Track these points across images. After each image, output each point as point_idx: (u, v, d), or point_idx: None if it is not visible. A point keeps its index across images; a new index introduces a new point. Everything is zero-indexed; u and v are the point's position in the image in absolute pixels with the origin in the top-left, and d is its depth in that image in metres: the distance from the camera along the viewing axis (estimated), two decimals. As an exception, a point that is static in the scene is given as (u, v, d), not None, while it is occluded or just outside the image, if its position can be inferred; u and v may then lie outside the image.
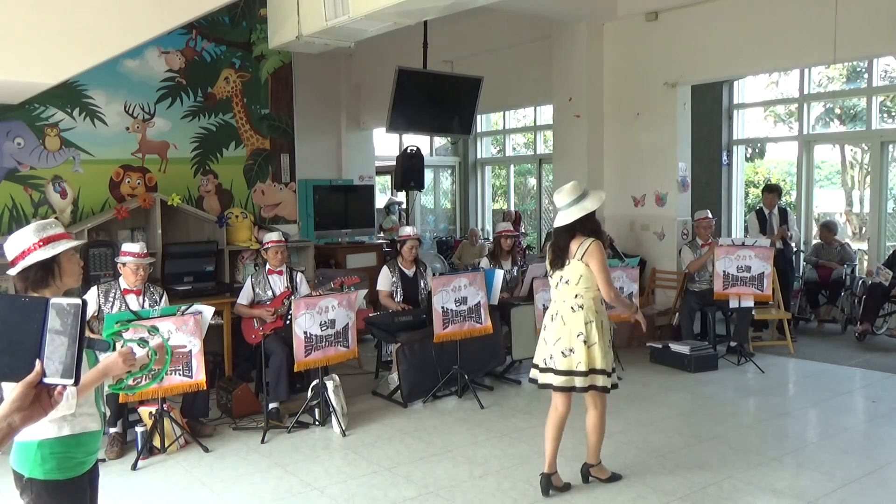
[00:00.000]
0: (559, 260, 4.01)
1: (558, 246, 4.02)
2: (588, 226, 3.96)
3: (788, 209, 8.47)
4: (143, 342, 2.18)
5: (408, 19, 5.08)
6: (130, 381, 2.18)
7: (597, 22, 8.52)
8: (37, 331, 1.39)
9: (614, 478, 4.24)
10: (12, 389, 1.40)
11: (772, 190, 8.22)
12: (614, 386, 4.06)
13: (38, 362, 1.38)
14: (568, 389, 4.01)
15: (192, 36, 7.22)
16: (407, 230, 6.56)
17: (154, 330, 2.30)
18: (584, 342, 3.91)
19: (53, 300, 1.40)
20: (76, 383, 1.40)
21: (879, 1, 6.50)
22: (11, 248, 2.37)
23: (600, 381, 3.97)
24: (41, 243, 2.34)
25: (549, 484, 4.07)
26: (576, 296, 3.95)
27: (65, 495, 2.31)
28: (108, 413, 4.79)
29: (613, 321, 6.89)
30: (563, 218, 3.96)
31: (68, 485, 2.31)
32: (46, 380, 1.39)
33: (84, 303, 1.40)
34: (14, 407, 1.40)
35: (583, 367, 3.92)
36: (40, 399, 1.42)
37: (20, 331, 1.40)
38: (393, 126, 8.51)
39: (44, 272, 2.34)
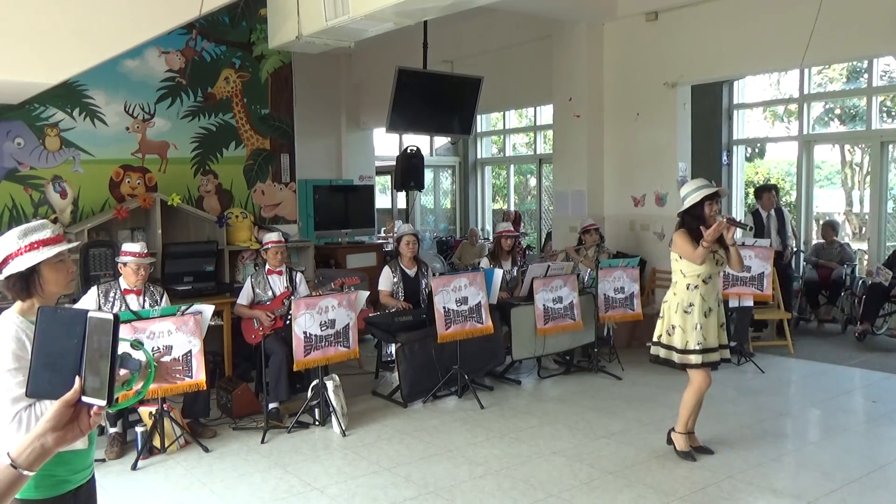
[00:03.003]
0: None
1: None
2: (687, 221, 4.42)
3: (785, 211, 8.32)
4: (126, 356, 2.07)
5: (408, 19, 5.08)
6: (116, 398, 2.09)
7: (597, 22, 8.52)
8: (77, 346, 1.32)
9: (686, 456, 4.46)
10: (49, 408, 1.32)
11: (769, 189, 8.09)
12: (700, 365, 4.38)
13: (77, 379, 1.31)
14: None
15: (192, 36, 7.22)
16: (403, 227, 6.57)
17: (138, 344, 2.19)
18: (661, 317, 4.55)
19: (91, 314, 1.33)
20: (109, 404, 1.32)
21: (880, 1, 6.50)
22: None
23: (662, 352, 4.54)
24: (24, 250, 2.18)
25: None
26: (674, 281, 4.54)
27: None
28: (98, 429, 4.78)
29: (613, 321, 6.94)
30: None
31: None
32: (84, 398, 1.32)
33: (116, 318, 1.33)
34: (49, 426, 1.31)
35: (654, 338, 4.57)
36: (79, 418, 1.33)
37: (60, 345, 1.32)
38: (393, 126, 8.51)
39: (23, 282, 2.20)
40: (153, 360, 2.17)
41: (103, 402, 1.32)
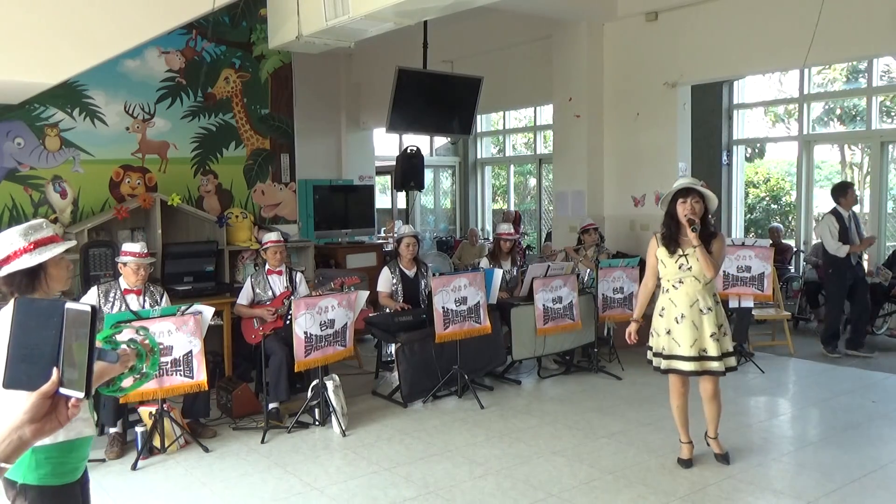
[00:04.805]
0: None
1: None
2: (664, 220, 4.36)
3: (855, 213, 7.41)
4: (132, 342, 2.10)
5: (408, 19, 5.08)
6: (123, 384, 2.10)
7: (597, 22, 8.52)
8: (54, 337, 1.31)
9: (681, 463, 4.37)
10: (26, 399, 1.31)
11: (851, 185, 7.30)
12: (666, 371, 4.35)
13: (55, 370, 1.30)
14: None
15: (192, 36, 7.22)
16: (404, 229, 6.57)
17: (143, 330, 2.22)
18: None
19: (68, 305, 1.32)
20: (87, 396, 1.32)
21: (880, 0, 6.50)
22: None
23: (648, 354, 4.46)
24: (29, 248, 2.27)
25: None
26: None
27: (59, 502, 2.27)
28: (97, 417, 4.80)
29: (614, 321, 6.94)
30: None
31: (62, 491, 2.26)
32: (62, 390, 1.31)
33: (94, 309, 1.32)
34: (26, 418, 1.30)
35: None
36: (57, 410, 1.33)
37: (37, 337, 1.32)
38: (393, 126, 8.51)
39: (29, 279, 2.29)
40: (157, 346, 2.19)
41: (81, 394, 1.31)
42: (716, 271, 4.18)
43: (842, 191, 7.22)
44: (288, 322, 5.31)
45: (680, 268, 4.22)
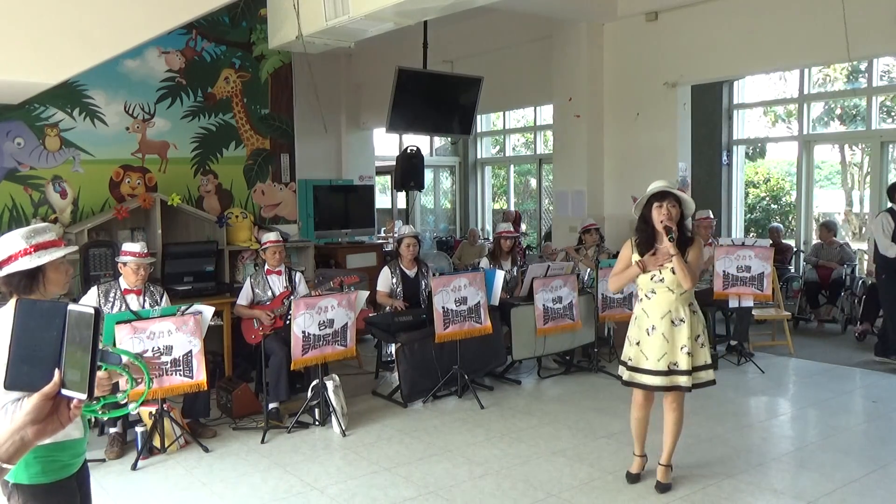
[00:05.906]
0: None
1: None
2: (637, 224, 4.12)
3: None
4: (124, 369, 2.06)
5: (408, 19, 5.09)
6: (99, 408, 2.10)
7: (597, 22, 8.52)
8: (56, 338, 1.31)
9: (627, 476, 4.18)
10: (28, 401, 1.32)
11: None
12: (628, 383, 4.22)
13: (56, 372, 1.31)
14: None
15: (192, 36, 7.23)
16: (404, 229, 6.57)
17: (139, 360, 2.21)
18: None
19: (71, 307, 1.33)
20: (89, 397, 1.32)
21: (882, 1, 6.50)
22: (1, 250, 2.34)
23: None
24: (30, 250, 2.31)
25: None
26: None
27: (52, 498, 2.29)
28: (92, 420, 4.80)
29: (614, 321, 6.93)
30: None
31: (55, 487, 2.29)
32: (64, 391, 1.32)
33: (98, 311, 1.32)
34: (28, 419, 1.31)
35: None
36: (59, 411, 1.33)
37: (39, 338, 1.32)
38: (393, 126, 8.51)
39: (28, 280, 2.33)
40: (149, 375, 2.15)
41: (83, 396, 1.31)
42: (693, 281, 3.90)
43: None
44: (288, 322, 5.31)
45: (652, 278, 3.97)
